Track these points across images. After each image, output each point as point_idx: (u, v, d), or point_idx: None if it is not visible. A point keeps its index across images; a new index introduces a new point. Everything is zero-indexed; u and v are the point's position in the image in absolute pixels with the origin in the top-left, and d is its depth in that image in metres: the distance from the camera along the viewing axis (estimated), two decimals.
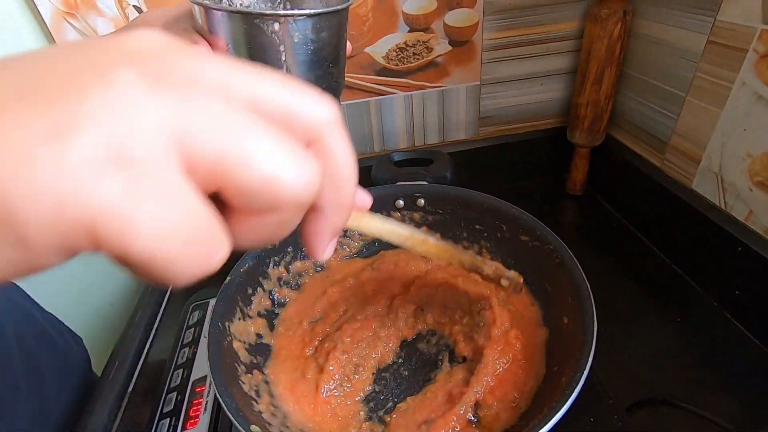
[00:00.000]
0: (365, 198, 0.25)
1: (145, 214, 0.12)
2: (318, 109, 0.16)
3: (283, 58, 0.31)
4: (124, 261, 0.13)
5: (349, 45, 0.37)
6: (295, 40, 0.31)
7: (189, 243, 0.13)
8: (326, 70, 0.34)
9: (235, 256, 0.46)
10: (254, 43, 0.31)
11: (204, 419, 0.42)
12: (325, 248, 0.20)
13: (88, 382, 0.51)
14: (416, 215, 0.55)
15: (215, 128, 0.13)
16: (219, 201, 0.14)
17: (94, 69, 0.12)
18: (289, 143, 0.15)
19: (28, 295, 0.47)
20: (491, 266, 0.37)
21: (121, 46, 0.14)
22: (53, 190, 0.11)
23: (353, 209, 0.20)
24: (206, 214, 0.13)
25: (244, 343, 0.43)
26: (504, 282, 0.37)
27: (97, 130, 0.11)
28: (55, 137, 0.11)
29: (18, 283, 0.46)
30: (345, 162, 0.17)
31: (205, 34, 0.33)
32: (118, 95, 0.12)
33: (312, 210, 0.18)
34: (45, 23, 0.54)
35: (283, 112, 0.15)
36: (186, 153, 0.13)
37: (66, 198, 0.11)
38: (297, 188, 0.14)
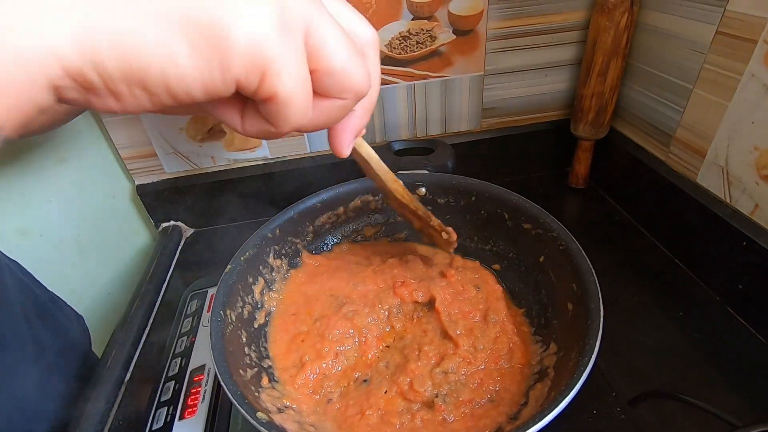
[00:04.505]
0: None
1: (290, 66, 0.19)
2: (367, 30, 0.24)
3: None
4: (269, 98, 0.20)
5: None
6: None
7: (305, 98, 0.20)
8: None
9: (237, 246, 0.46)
10: None
11: (202, 408, 0.42)
12: (349, 145, 0.27)
13: (89, 360, 0.51)
14: None
15: (326, 27, 0.21)
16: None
17: None
18: (358, 52, 0.22)
19: (28, 272, 0.47)
20: (437, 221, 0.45)
21: None
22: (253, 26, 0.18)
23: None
24: (310, 83, 0.21)
25: (245, 331, 0.42)
26: (444, 235, 0.45)
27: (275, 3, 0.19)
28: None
29: (19, 262, 0.46)
30: (378, 74, 0.25)
31: None
32: None
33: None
34: None
35: (353, 30, 0.23)
36: (306, 34, 0.20)
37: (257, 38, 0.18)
38: (361, 81, 0.22)
